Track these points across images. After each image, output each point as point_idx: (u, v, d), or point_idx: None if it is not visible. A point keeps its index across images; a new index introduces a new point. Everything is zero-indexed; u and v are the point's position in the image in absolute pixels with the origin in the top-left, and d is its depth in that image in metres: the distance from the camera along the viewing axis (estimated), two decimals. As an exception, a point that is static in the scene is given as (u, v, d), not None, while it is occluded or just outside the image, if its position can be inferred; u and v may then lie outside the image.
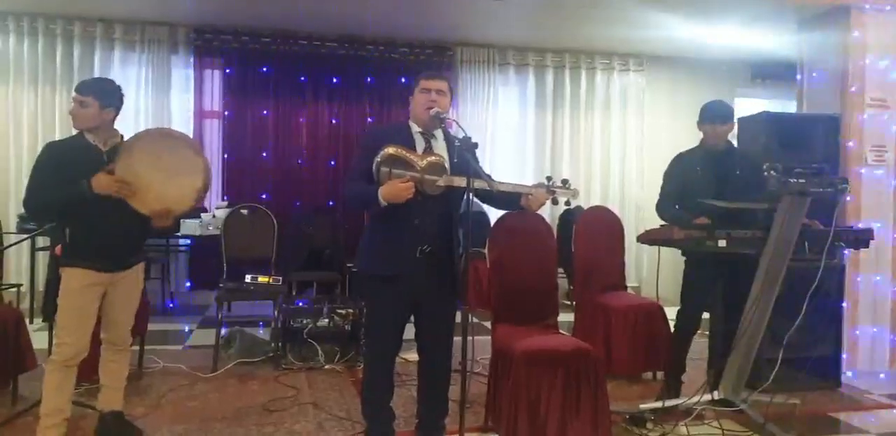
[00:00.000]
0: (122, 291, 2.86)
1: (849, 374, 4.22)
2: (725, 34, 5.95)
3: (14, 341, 3.43)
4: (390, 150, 2.62)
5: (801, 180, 2.97)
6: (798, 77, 4.86)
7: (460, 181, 2.58)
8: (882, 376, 4.33)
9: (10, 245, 3.84)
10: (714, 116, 3.51)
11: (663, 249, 3.43)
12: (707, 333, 3.91)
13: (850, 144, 4.43)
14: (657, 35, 6.08)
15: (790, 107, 5.78)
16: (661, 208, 3.57)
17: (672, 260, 3.61)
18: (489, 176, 2.70)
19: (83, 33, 5.98)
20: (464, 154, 2.56)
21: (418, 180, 2.60)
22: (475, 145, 2.60)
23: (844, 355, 4.18)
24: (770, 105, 6.88)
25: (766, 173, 3.03)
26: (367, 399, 2.87)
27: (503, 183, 2.67)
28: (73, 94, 2.79)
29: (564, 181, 2.77)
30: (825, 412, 3.62)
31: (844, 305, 4.20)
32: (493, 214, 4.01)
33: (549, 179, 2.77)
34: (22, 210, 5.01)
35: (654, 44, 6.47)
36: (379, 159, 2.61)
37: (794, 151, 4.18)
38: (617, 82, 7.02)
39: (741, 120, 4.28)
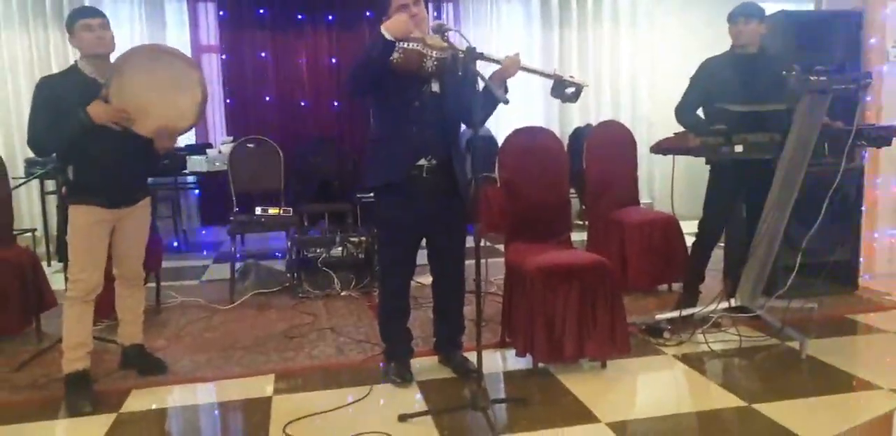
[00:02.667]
0: (130, 226, 2.83)
1: (866, 277, 4.18)
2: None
3: (33, 281, 3.47)
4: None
5: (822, 78, 2.84)
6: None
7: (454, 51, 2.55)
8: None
9: (17, 186, 3.81)
10: (736, 14, 3.33)
11: (678, 164, 3.34)
12: (722, 243, 3.87)
13: (873, 40, 4.21)
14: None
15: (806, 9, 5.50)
16: (681, 113, 3.45)
17: (685, 175, 3.52)
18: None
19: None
20: (469, 64, 2.48)
21: (422, 40, 2.55)
22: (480, 55, 2.48)
23: (862, 259, 4.12)
24: (787, 8, 6.55)
25: (785, 73, 2.90)
26: (385, 320, 2.90)
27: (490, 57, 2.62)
28: (92, 20, 2.62)
29: (571, 76, 2.73)
30: (842, 315, 3.62)
31: (863, 208, 4.12)
32: (502, 135, 3.91)
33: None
34: (29, 154, 5.02)
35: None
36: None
37: (814, 51, 4.00)
38: (626, -7, 6.68)
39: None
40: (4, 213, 3.64)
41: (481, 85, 2.61)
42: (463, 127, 2.90)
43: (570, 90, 2.72)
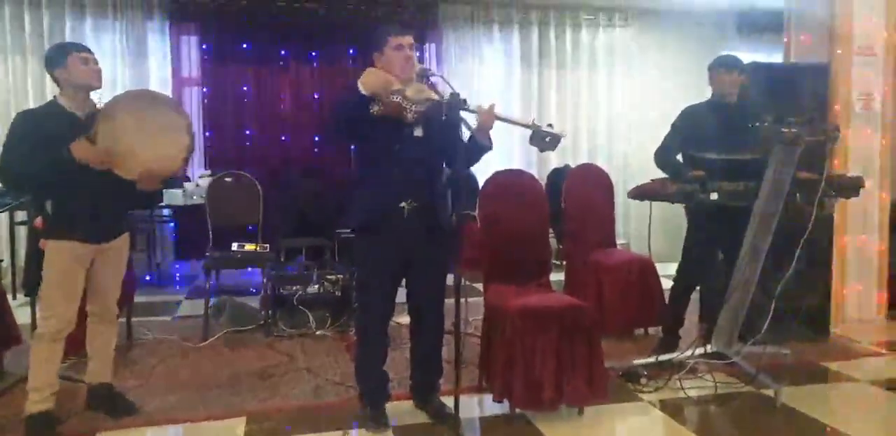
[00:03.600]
0: (108, 261, 2.79)
1: (838, 325, 4.25)
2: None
3: (-2, 315, 3.35)
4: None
5: (793, 129, 2.93)
6: (785, 23, 4.78)
7: (437, 96, 2.59)
8: (870, 324, 4.36)
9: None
10: (717, 64, 3.46)
11: (653, 205, 3.40)
12: (697, 287, 3.91)
13: (839, 92, 4.38)
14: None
15: (778, 60, 5.71)
16: (659, 156, 3.53)
17: (661, 216, 3.59)
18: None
19: (50, 2, 5.76)
20: (452, 110, 2.52)
21: (401, 92, 2.57)
22: (463, 102, 2.54)
23: (833, 305, 4.19)
24: (758, 59, 6.78)
25: (757, 124, 2.99)
26: (361, 363, 2.85)
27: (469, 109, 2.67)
28: (81, 54, 2.65)
29: (549, 125, 2.77)
30: (816, 362, 3.65)
31: (833, 258, 4.20)
32: (482, 177, 3.95)
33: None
34: (-3, 184, 4.93)
35: (640, -4, 6.34)
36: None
37: (783, 101, 4.13)
38: (602, 38, 6.88)
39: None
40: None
41: (466, 133, 2.65)
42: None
43: (548, 139, 2.76)
